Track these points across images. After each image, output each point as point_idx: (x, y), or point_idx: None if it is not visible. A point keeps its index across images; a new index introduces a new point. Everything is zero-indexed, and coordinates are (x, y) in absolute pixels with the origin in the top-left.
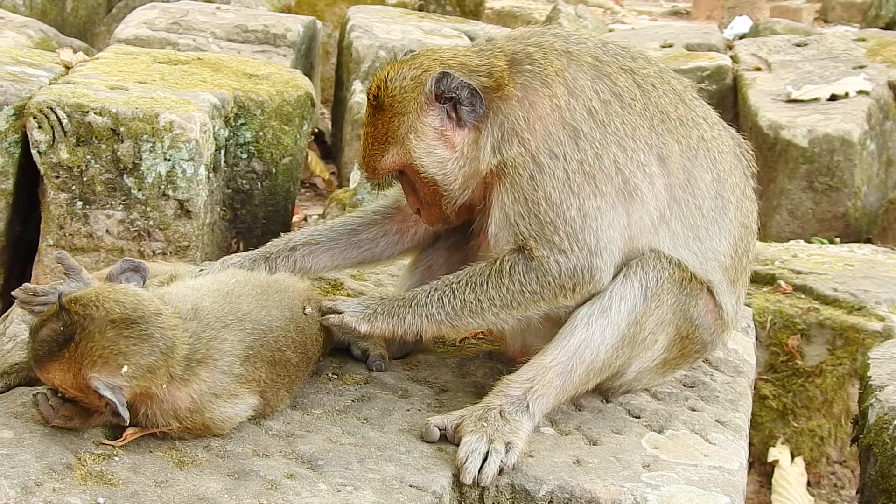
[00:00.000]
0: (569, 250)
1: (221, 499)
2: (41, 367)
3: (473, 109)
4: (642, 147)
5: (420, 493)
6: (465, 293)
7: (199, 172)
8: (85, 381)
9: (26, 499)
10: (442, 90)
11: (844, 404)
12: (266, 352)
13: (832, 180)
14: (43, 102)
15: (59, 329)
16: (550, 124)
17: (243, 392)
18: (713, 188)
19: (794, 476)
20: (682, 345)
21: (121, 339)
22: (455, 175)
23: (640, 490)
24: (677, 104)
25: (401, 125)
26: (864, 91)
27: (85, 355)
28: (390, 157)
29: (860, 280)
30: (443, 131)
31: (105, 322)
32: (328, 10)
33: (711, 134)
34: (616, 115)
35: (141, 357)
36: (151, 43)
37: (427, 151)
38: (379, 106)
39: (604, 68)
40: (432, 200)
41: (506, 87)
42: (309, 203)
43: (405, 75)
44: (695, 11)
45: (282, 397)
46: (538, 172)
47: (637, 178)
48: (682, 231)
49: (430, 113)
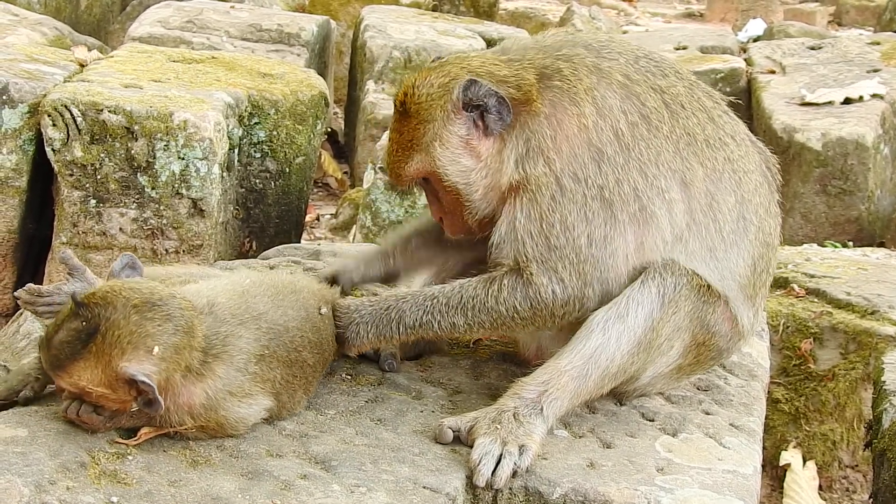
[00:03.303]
0: (567, 280)
1: (235, 499)
2: (64, 371)
3: (501, 118)
4: (664, 172)
5: (433, 495)
6: (456, 317)
7: (212, 171)
8: (116, 373)
9: (40, 497)
10: (469, 98)
11: (857, 408)
12: (282, 352)
13: (846, 184)
14: (57, 100)
15: (79, 327)
16: (577, 146)
17: (258, 392)
18: (735, 210)
19: (805, 480)
20: (697, 351)
21: (146, 321)
22: (478, 185)
23: (654, 494)
24: (705, 124)
25: (426, 133)
26: (878, 95)
27: (113, 345)
28: (415, 164)
29: (873, 284)
30: (468, 140)
31: (128, 308)
32: (342, 9)
33: (738, 153)
34: (642, 139)
35: (167, 336)
36: (165, 41)
37: (451, 160)
38: (405, 112)
39: (633, 87)
40: (455, 209)
41: (534, 103)
42: (322, 203)
43: (432, 83)
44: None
45: (298, 399)
46: (559, 195)
47: (654, 204)
48: (699, 251)
49: (457, 121)
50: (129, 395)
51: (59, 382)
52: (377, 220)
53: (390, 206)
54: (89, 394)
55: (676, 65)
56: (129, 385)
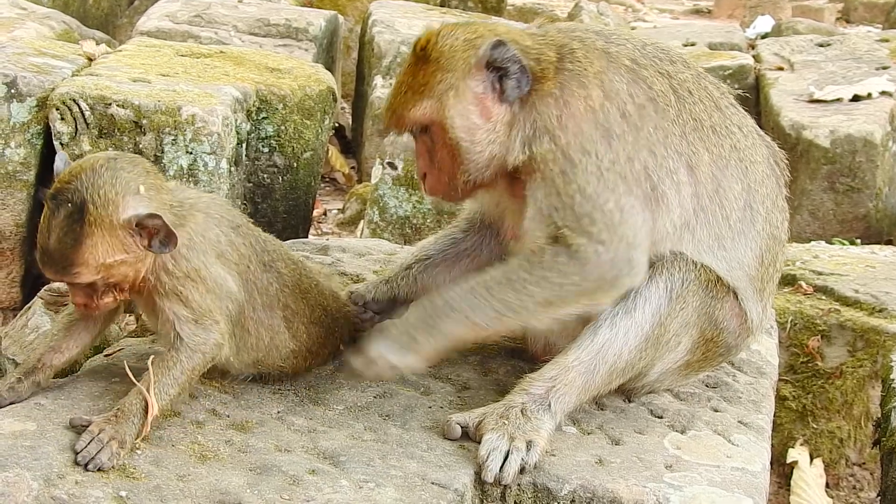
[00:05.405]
0: (608, 241)
1: (243, 493)
2: (75, 263)
3: (518, 86)
4: (672, 154)
5: (442, 491)
6: (506, 293)
7: (220, 166)
8: (122, 226)
9: (49, 491)
10: (494, 58)
11: (864, 406)
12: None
13: (854, 181)
14: (66, 94)
15: (66, 212)
16: (583, 123)
17: (232, 268)
18: (742, 198)
19: (812, 477)
20: (705, 347)
21: (119, 171)
22: (482, 147)
23: (663, 491)
24: (712, 112)
25: (443, 80)
26: (886, 92)
27: (106, 204)
28: (422, 109)
29: (881, 282)
30: (483, 99)
31: (97, 169)
32: (350, 4)
33: (745, 143)
34: (649, 120)
35: (143, 177)
36: (173, 36)
37: (461, 113)
38: (425, 57)
39: (641, 72)
40: (445, 167)
41: (547, 83)
42: (329, 198)
43: (458, 35)
44: (716, 10)
45: (282, 342)
46: (569, 167)
47: (665, 185)
48: (707, 240)
49: (476, 77)
50: (142, 245)
51: (77, 279)
52: (385, 216)
53: (398, 201)
54: (109, 270)
55: (685, 55)
56: (138, 232)
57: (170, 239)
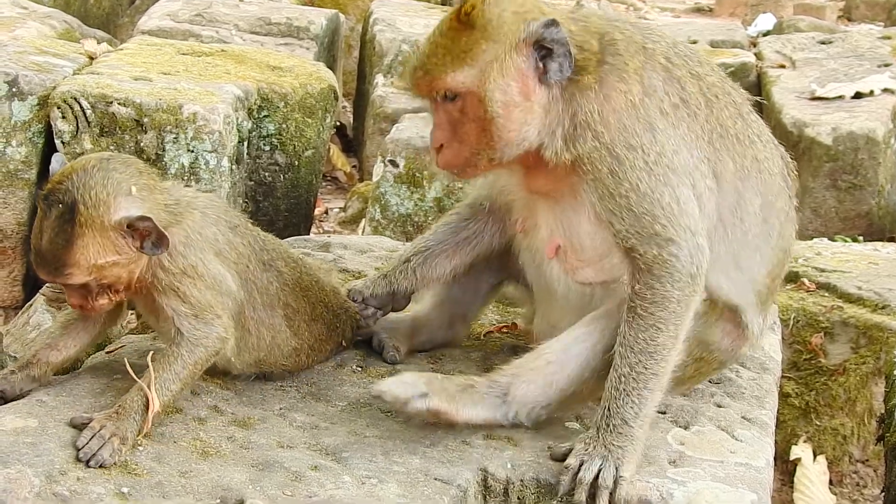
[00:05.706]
0: (675, 237)
1: (245, 489)
2: (66, 264)
3: (561, 70)
4: (703, 158)
5: (445, 487)
6: (647, 365)
7: (222, 164)
8: (113, 228)
9: (51, 488)
10: (544, 37)
11: (867, 403)
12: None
13: (856, 178)
14: (67, 92)
15: (58, 213)
16: (625, 117)
17: (231, 267)
18: (760, 214)
19: (816, 474)
20: (696, 366)
21: (110, 172)
22: (515, 125)
23: (667, 486)
24: (736, 119)
25: (487, 50)
26: (889, 89)
27: (97, 205)
28: (460, 76)
29: (884, 279)
30: (525, 77)
31: (88, 171)
32: (351, 2)
33: (764, 154)
34: (683, 121)
35: (135, 178)
36: (174, 34)
37: (502, 88)
38: (469, 23)
39: (674, 71)
40: (470, 142)
41: (587, 76)
42: (330, 196)
43: (506, 7)
44: (718, 8)
45: (284, 339)
46: (617, 165)
47: (699, 187)
48: (724, 256)
49: (523, 52)
50: (134, 246)
51: (69, 280)
52: (386, 214)
53: (399, 199)
54: (101, 271)
55: (707, 58)
56: (129, 234)
57: (161, 241)
